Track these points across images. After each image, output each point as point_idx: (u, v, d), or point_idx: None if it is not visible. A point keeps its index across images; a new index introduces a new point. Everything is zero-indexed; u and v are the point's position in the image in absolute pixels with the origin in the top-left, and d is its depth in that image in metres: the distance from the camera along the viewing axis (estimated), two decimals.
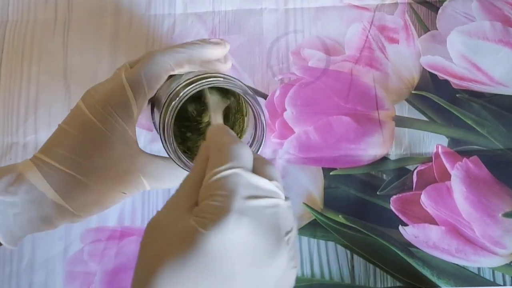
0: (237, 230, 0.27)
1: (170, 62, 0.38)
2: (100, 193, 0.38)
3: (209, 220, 0.27)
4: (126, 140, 0.38)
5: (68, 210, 0.38)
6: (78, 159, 0.37)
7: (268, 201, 0.29)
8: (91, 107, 0.38)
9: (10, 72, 0.50)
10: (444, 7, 0.49)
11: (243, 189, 0.29)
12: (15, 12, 0.51)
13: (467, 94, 0.48)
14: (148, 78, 0.38)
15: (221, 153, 0.30)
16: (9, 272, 0.47)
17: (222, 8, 0.50)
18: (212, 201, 0.28)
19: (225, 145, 0.31)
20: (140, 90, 0.38)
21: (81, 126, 0.38)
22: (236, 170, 0.29)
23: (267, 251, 0.28)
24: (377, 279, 0.46)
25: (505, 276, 0.45)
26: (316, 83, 0.48)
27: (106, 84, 0.39)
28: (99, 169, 0.37)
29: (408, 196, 0.47)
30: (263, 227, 0.28)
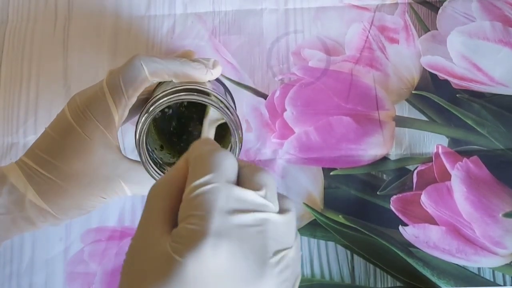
0: (214, 255, 0.25)
1: (146, 70, 0.38)
2: (79, 198, 0.38)
3: (185, 246, 0.25)
4: (106, 146, 0.38)
5: (49, 212, 0.38)
6: (58, 163, 0.37)
7: (253, 216, 0.27)
8: (73, 111, 0.38)
9: (10, 72, 0.50)
10: (444, 7, 0.49)
11: (223, 204, 0.26)
12: (15, 12, 0.51)
13: (467, 94, 0.48)
14: (126, 83, 0.37)
15: (200, 164, 0.28)
16: (9, 272, 0.47)
17: (222, 8, 0.50)
18: (188, 223, 0.26)
19: (204, 155, 0.28)
20: (119, 95, 0.37)
21: (63, 130, 0.38)
22: (215, 185, 0.27)
23: (249, 276, 0.26)
24: (377, 279, 0.46)
25: (505, 276, 0.45)
26: (316, 84, 0.48)
27: (91, 88, 0.39)
28: (78, 174, 0.37)
29: (408, 196, 0.47)
30: (245, 249, 0.26)
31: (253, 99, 0.49)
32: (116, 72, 0.38)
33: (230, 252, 0.26)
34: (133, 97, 0.38)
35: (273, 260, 0.26)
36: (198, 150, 0.29)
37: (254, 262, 0.26)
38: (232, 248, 0.26)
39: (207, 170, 0.27)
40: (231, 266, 0.26)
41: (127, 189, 0.39)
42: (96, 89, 0.38)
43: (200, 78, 0.39)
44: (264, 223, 0.27)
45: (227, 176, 0.28)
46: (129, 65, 0.38)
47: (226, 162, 0.28)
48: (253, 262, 0.26)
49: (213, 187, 0.27)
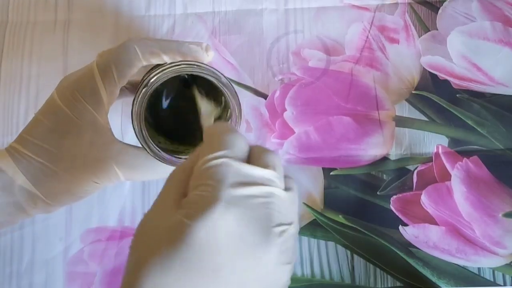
0: (224, 220, 0.27)
1: (141, 49, 0.37)
2: (70, 182, 0.38)
3: (196, 211, 0.27)
4: (97, 127, 0.37)
5: (39, 197, 0.38)
6: (48, 147, 0.37)
7: (259, 189, 0.28)
8: (61, 94, 0.37)
9: (10, 72, 0.50)
10: (444, 7, 0.49)
11: (233, 178, 0.28)
12: (15, 12, 0.51)
13: (467, 94, 0.48)
14: (118, 65, 0.37)
15: (213, 141, 0.29)
16: (9, 272, 0.47)
17: (222, 8, 0.50)
18: (199, 191, 0.28)
19: (218, 134, 0.30)
20: (110, 76, 0.37)
21: (51, 113, 0.37)
22: (226, 159, 0.28)
23: (255, 242, 0.27)
24: (377, 279, 0.46)
25: (505, 276, 0.45)
26: (316, 83, 0.48)
27: (80, 71, 0.38)
28: (68, 157, 0.37)
29: (408, 196, 0.47)
30: (251, 217, 0.27)
31: (253, 99, 0.49)
32: (107, 54, 0.38)
33: (238, 218, 0.27)
34: (124, 79, 0.37)
35: (276, 229, 0.28)
36: (213, 128, 0.31)
37: (260, 229, 0.27)
38: (239, 215, 0.27)
39: (221, 147, 0.29)
40: (238, 232, 0.27)
41: (120, 173, 0.38)
42: (85, 70, 0.38)
43: (197, 58, 0.39)
44: (270, 196, 0.28)
45: (239, 153, 0.29)
46: (121, 47, 0.38)
47: (238, 141, 0.29)
48: (259, 229, 0.27)
49: (225, 161, 0.28)
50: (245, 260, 0.27)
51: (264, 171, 0.29)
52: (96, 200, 0.47)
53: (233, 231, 0.27)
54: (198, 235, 0.26)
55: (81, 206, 0.47)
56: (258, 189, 0.28)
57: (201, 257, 0.26)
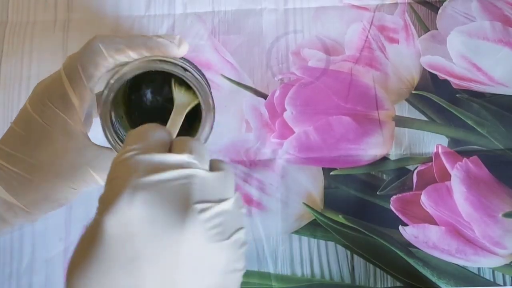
0: (130, 207, 0.26)
1: (106, 47, 0.36)
2: (47, 190, 0.37)
3: (105, 205, 0.26)
4: (69, 133, 0.36)
5: (18, 207, 0.37)
6: (21, 155, 0.36)
7: (174, 172, 0.27)
8: (32, 101, 0.37)
9: (10, 72, 0.50)
10: (444, 7, 0.49)
11: (143, 167, 0.27)
12: (14, 12, 0.51)
13: (467, 94, 0.48)
14: (84, 66, 0.36)
15: (129, 137, 0.29)
16: (9, 272, 0.47)
17: (221, 8, 0.50)
18: (110, 185, 0.27)
19: (137, 129, 0.30)
20: (78, 79, 0.36)
21: (23, 122, 0.37)
22: (136, 151, 0.28)
23: (169, 222, 0.26)
24: (377, 279, 0.46)
25: (505, 276, 0.45)
26: (316, 83, 0.48)
27: (49, 76, 0.37)
28: (42, 165, 0.36)
29: (408, 196, 0.47)
30: (164, 199, 0.26)
31: (252, 99, 0.49)
32: (74, 56, 0.37)
33: (147, 202, 0.26)
34: (93, 80, 0.36)
35: (197, 206, 0.27)
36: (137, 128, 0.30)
37: (175, 208, 0.26)
38: (149, 199, 0.26)
39: (133, 141, 0.29)
40: (150, 215, 0.26)
41: (98, 177, 0.37)
42: (55, 75, 0.37)
43: (165, 52, 0.37)
44: (190, 177, 0.28)
45: (153, 145, 0.29)
46: (86, 47, 0.37)
47: (154, 133, 0.29)
48: (174, 208, 0.26)
49: (135, 153, 0.28)
50: (164, 243, 0.26)
51: (179, 156, 0.28)
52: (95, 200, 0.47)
53: (144, 215, 0.26)
54: (109, 228, 0.26)
55: (81, 206, 0.47)
56: (173, 173, 0.27)
57: (117, 249, 0.26)
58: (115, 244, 0.26)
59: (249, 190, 0.47)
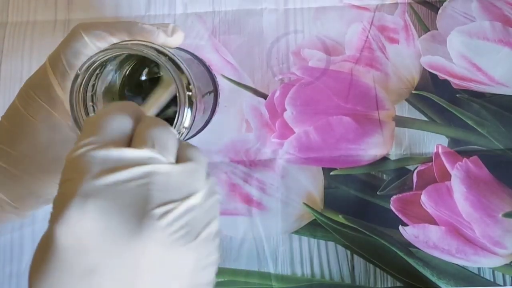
0: (81, 217, 0.24)
1: (88, 36, 0.34)
2: (32, 184, 0.36)
3: (56, 212, 0.24)
4: (54, 125, 0.35)
5: (5, 201, 0.36)
6: (7, 148, 0.35)
7: (132, 171, 0.25)
8: (19, 94, 0.36)
9: (10, 73, 0.50)
10: (444, 7, 0.49)
11: (97, 166, 0.25)
12: (14, 13, 0.51)
13: (467, 94, 0.48)
14: (66, 55, 0.34)
15: (86, 126, 0.27)
16: (9, 272, 0.47)
17: (222, 8, 0.50)
18: (62, 188, 0.25)
19: (95, 117, 0.27)
20: (61, 69, 0.34)
21: (10, 115, 0.36)
22: (91, 146, 0.25)
23: (124, 232, 0.24)
24: (377, 279, 0.46)
25: (505, 276, 0.45)
26: (316, 83, 0.48)
27: (37, 69, 0.36)
28: (27, 158, 0.35)
29: (408, 196, 0.47)
30: (118, 206, 0.24)
31: (253, 99, 0.49)
32: (57, 48, 0.35)
33: (100, 211, 0.24)
34: (76, 68, 0.34)
35: (156, 211, 0.24)
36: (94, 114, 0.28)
37: (132, 216, 0.24)
38: (102, 207, 0.24)
39: (91, 132, 0.26)
40: (103, 225, 0.24)
41: None
42: (40, 67, 0.36)
43: (149, 39, 0.35)
44: (149, 175, 0.25)
45: (111, 137, 0.26)
46: (69, 35, 0.35)
47: (112, 123, 0.26)
48: (130, 216, 0.24)
49: (89, 149, 0.25)
50: (121, 254, 0.24)
51: (138, 152, 0.25)
52: None
53: (97, 226, 0.24)
54: (61, 240, 0.24)
55: None
56: (130, 172, 0.25)
57: (71, 262, 0.24)
58: (69, 256, 0.24)
59: (249, 190, 0.47)
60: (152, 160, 0.25)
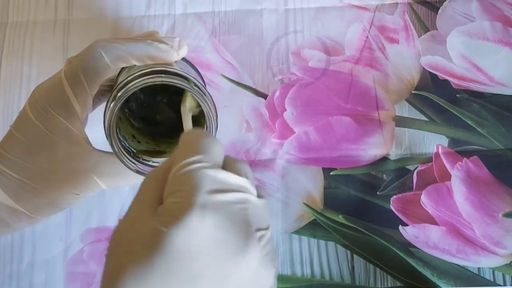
0: (201, 225, 0.26)
1: (108, 54, 0.36)
2: (50, 196, 0.37)
3: (171, 218, 0.26)
4: (71, 139, 0.36)
5: (22, 212, 0.37)
6: (24, 163, 0.36)
7: (236, 195, 0.28)
8: (33, 107, 0.36)
9: (10, 73, 0.50)
10: (444, 7, 0.49)
11: (209, 183, 0.27)
12: (15, 13, 0.51)
13: (467, 94, 0.48)
14: (86, 72, 0.36)
15: (189, 146, 0.29)
16: (9, 272, 0.47)
17: (222, 8, 0.50)
18: (175, 197, 0.27)
19: (194, 138, 0.30)
20: (80, 85, 0.36)
21: (25, 128, 0.36)
22: (203, 164, 0.28)
23: (235, 246, 0.27)
24: (377, 279, 0.46)
25: (505, 276, 0.45)
26: (316, 84, 0.48)
27: (50, 80, 0.37)
28: (45, 172, 0.36)
29: (408, 196, 0.47)
30: (230, 222, 0.27)
31: (253, 99, 0.49)
32: (75, 61, 0.37)
33: (215, 224, 0.27)
34: (95, 86, 0.36)
35: (256, 234, 0.27)
36: (189, 134, 0.30)
37: (239, 234, 0.27)
38: (217, 221, 0.27)
39: (196, 151, 0.28)
40: (217, 237, 0.26)
41: (101, 182, 0.38)
42: (55, 80, 0.37)
43: (167, 59, 0.37)
44: (246, 202, 0.28)
45: (215, 159, 0.29)
46: (87, 53, 0.36)
47: (215, 147, 0.29)
48: (238, 234, 0.27)
49: (202, 165, 0.28)
50: (226, 265, 0.27)
51: (239, 179, 0.28)
52: (96, 200, 0.47)
53: (211, 236, 0.26)
54: (174, 242, 0.26)
55: (81, 206, 0.47)
56: (235, 196, 0.28)
57: (179, 265, 0.26)
58: (180, 259, 0.26)
59: None
60: (246, 189, 0.29)
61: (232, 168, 0.29)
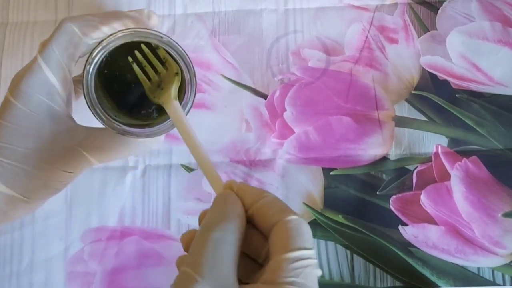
0: None
1: (79, 26, 0.37)
2: (43, 176, 0.37)
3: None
4: (55, 117, 0.37)
5: (17, 197, 0.37)
6: (14, 147, 0.37)
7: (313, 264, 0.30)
8: (13, 91, 0.37)
9: (11, 72, 0.50)
10: (443, 7, 0.49)
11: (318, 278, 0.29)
12: (15, 13, 0.51)
13: (467, 94, 0.48)
14: (60, 48, 0.37)
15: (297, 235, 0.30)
16: (9, 272, 0.47)
17: (222, 8, 0.50)
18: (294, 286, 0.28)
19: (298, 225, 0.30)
20: (56, 62, 0.37)
21: (8, 114, 0.37)
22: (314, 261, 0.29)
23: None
24: (377, 279, 0.46)
25: (505, 276, 0.46)
26: (316, 83, 0.49)
27: (26, 67, 0.38)
28: (33, 152, 0.37)
29: (408, 196, 0.47)
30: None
31: (253, 99, 0.49)
32: (48, 41, 0.37)
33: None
34: (72, 61, 0.37)
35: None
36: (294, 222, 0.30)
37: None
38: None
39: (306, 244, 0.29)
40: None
41: (91, 157, 0.38)
42: (32, 63, 0.37)
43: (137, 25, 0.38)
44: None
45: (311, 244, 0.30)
46: (58, 29, 0.37)
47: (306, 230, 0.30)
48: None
49: (314, 262, 0.29)
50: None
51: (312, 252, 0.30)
52: (96, 200, 0.48)
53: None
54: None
55: (81, 206, 0.47)
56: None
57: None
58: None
59: None
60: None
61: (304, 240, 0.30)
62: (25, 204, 0.38)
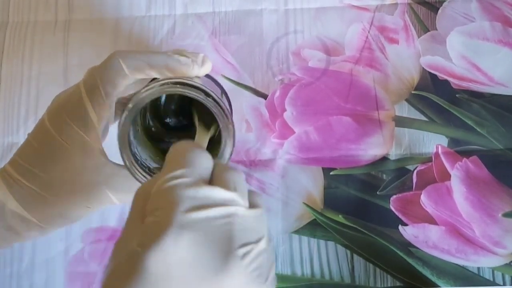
0: (177, 246, 0.25)
1: (127, 65, 0.35)
2: (61, 207, 0.36)
3: (148, 239, 0.25)
4: (86, 151, 0.35)
5: (32, 221, 0.36)
6: (37, 171, 0.35)
7: (218, 210, 0.27)
8: (50, 116, 0.36)
9: (11, 73, 0.50)
10: (443, 7, 0.49)
11: (189, 201, 0.26)
12: (15, 13, 0.51)
13: (467, 94, 0.48)
14: (104, 83, 0.35)
15: (174, 159, 0.28)
16: (9, 272, 0.47)
17: (222, 8, 0.50)
18: (154, 216, 0.26)
19: (180, 151, 0.29)
20: (97, 95, 0.35)
21: (41, 137, 0.36)
22: (184, 180, 0.27)
23: (213, 267, 0.25)
24: (377, 279, 0.46)
25: (505, 276, 0.46)
26: (316, 84, 0.49)
27: (68, 90, 0.37)
28: (57, 182, 0.35)
29: (408, 196, 0.47)
30: (209, 241, 0.26)
31: (253, 99, 0.49)
32: (94, 70, 0.36)
33: (193, 243, 0.26)
34: (112, 97, 0.36)
35: (240, 251, 0.26)
36: (175, 147, 0.29)
37: (219, 252, 0.26)
38: (195, 240, 0.26)
39: (180, 165, 0.28)
40: (194, 257, 0.25)
41: (113, 197, 0.37)
42: (74, 89, 0.36)
43: (186, 73, 0.36)
44: (232, 215, 0.27)
45: (200, 173, 0.28)
46: (106, 62, 0.36)
47: (200, 160, 0.28)
48: (218, 252, 0.26)
49: (183, 181, 0.27)
50: (205, 286, 0.25)
51: (223, 192, 0.27)
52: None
53: (188, 257, 0.25)
54: (150, 264, 0.25)
55: None
56: (217, 211, 0.27)
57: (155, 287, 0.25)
58: (156, 282, 0.25)
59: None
60: (234, 202, 0.27)
61: (220, 180, 0.28)
62: (39, 228, 0.37)
